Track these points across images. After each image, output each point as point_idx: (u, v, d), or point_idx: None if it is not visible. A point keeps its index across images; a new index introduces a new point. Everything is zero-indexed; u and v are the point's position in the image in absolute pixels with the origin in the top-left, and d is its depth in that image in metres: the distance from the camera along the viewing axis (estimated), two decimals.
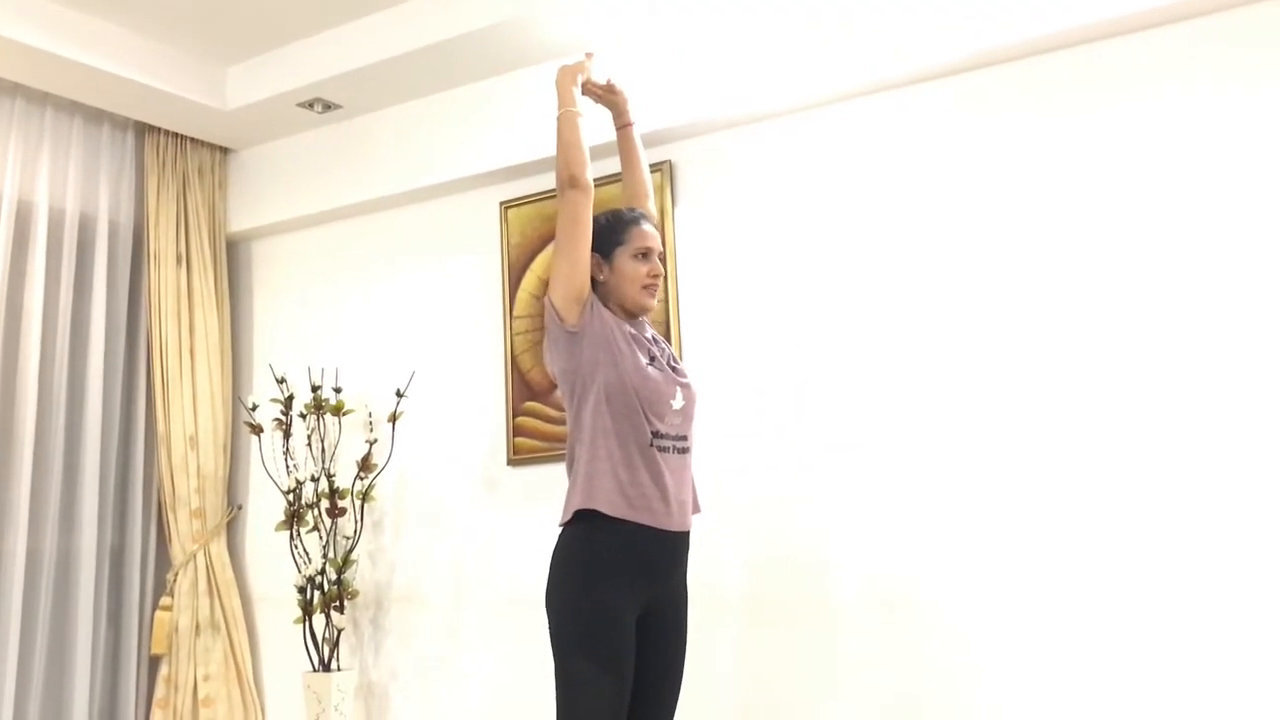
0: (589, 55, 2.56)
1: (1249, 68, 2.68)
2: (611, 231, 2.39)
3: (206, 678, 3.89)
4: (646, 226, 2.41)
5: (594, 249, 2.34)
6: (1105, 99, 2.84)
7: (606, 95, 2.61)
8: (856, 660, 2.99)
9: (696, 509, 2.41)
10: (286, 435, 3.86)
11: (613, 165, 2.78)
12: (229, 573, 4.04)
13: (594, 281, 2.35)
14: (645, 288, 2.38)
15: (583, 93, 2.48)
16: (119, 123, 4.04)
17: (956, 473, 2.92)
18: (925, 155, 3.07)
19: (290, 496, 3.77)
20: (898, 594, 2.95)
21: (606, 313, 2.31)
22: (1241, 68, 2.69)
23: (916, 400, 2.99)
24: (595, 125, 2.47)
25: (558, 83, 2.42)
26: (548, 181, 3.63)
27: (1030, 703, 2.75)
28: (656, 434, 2.27)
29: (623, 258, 2.37)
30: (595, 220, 2.37)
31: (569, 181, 2.28)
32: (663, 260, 2.45)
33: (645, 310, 2.41)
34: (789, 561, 3.12)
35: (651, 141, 3.14)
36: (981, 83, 3.01)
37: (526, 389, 3.64)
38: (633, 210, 2.47)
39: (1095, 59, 2.87)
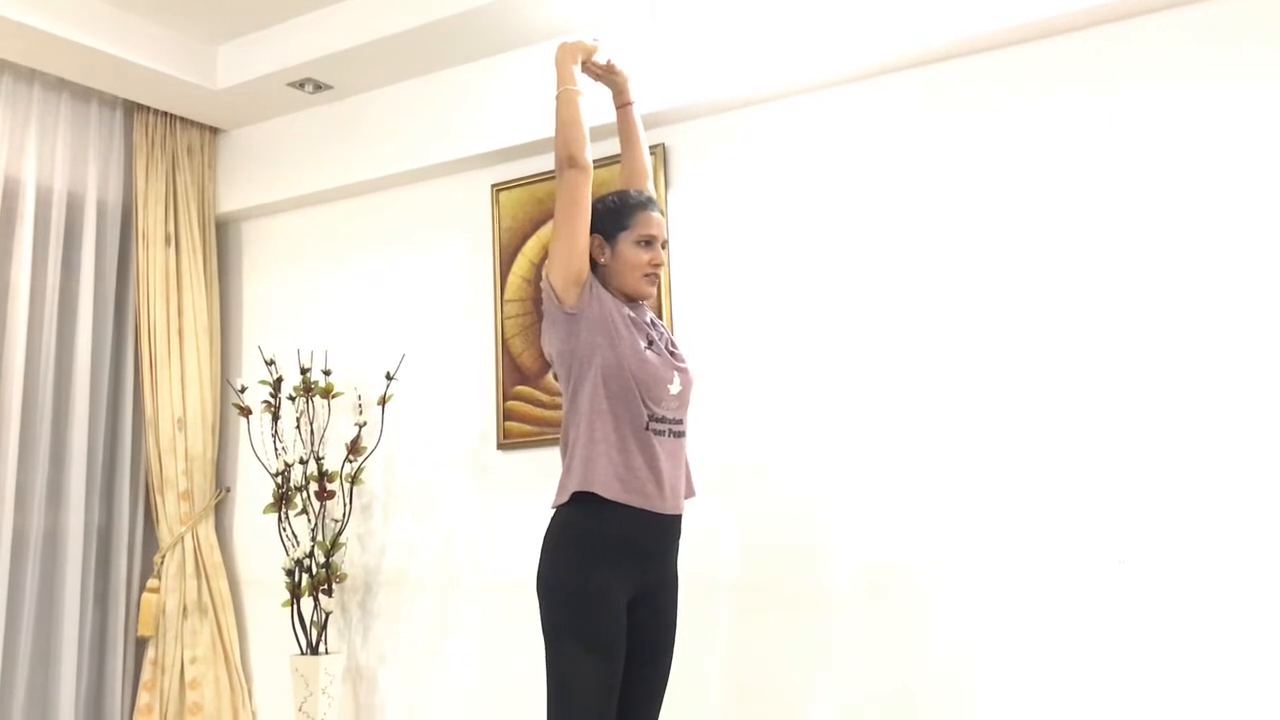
0: (596, 40, 2.54)
1: (1239, 59, 2.69)
2: (617, 214, 2.35)
3: (194, 660, 3.87)
4: (654, 213, 2.37)
5: (598, 230, 2.32)
6: (1106, 84, 2.85)
7: (606, 74, 2.59)
8: (850, 645, 3.00)
9: (691, 493, 2.40)
10: (275, 418, 3.83)
11: (611, 147, 2.77)
12: (217, 555, 4.02)
13: (594, 263, 2.33)
14: (646, 276, 2.35)
15: (582, 71, 2.46)
16: (107, 101, 4.00)
17: (950, 458, 2.93)
18: (920, 140, 3.07)
19: (279, 479, 3.75)
20: (891, 578, 2.97)
21: (606, 295, 2.28)
22: (1231, 59, 2.70)
23: (910, 385, 3.00)
24: (595, 106, 2.45)
25: (557, 60, 2.40)
26: (540, 164, 3.62)
27: (1024, 687, 2.77)
28: (653, 417, 2.25)
29: (625, 243, 2.33)
30: (603, 201, 2.35)
31: (568, 161, 2.26)
32: (665, 248, 2.42)
33: (645, 297, 2.38)
34: (783, 546, 3.13)
35: (645, 125, 3.13)
36: (977, 68, 3.02)
37: (517, 373, 3.63)
38: (641, 194, 2.42)
39: (1096, 43, 2.87)
